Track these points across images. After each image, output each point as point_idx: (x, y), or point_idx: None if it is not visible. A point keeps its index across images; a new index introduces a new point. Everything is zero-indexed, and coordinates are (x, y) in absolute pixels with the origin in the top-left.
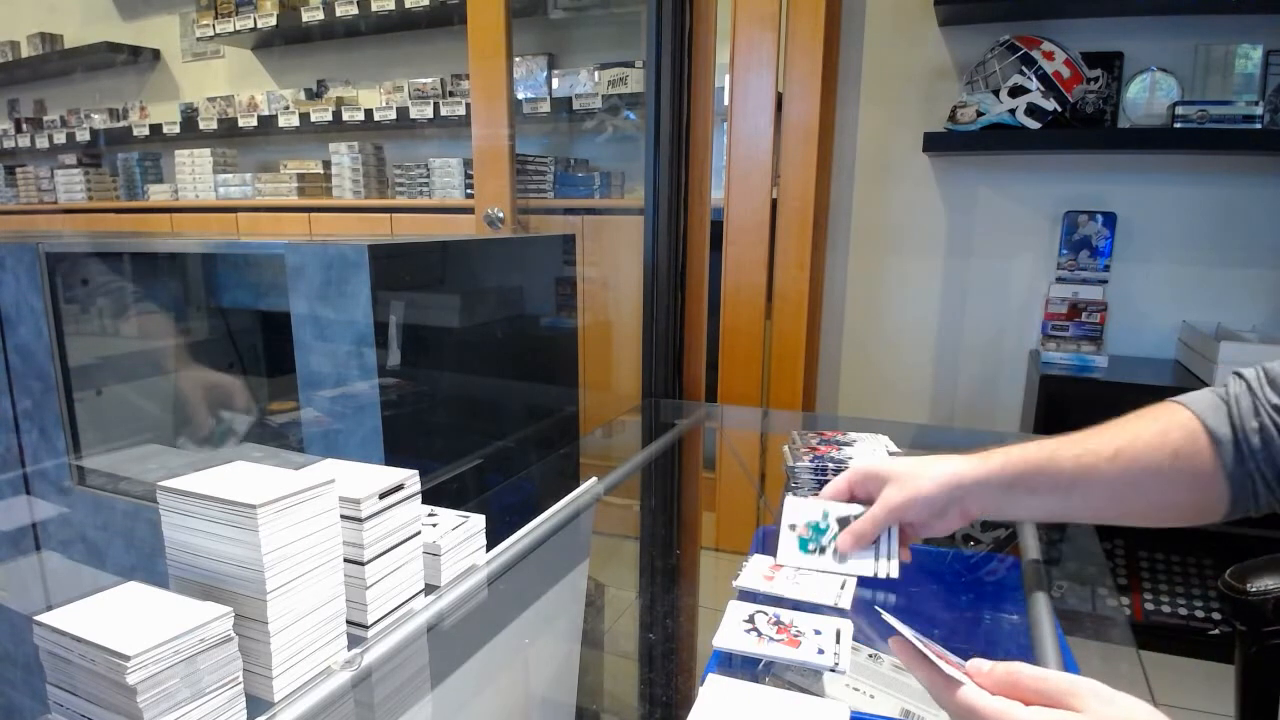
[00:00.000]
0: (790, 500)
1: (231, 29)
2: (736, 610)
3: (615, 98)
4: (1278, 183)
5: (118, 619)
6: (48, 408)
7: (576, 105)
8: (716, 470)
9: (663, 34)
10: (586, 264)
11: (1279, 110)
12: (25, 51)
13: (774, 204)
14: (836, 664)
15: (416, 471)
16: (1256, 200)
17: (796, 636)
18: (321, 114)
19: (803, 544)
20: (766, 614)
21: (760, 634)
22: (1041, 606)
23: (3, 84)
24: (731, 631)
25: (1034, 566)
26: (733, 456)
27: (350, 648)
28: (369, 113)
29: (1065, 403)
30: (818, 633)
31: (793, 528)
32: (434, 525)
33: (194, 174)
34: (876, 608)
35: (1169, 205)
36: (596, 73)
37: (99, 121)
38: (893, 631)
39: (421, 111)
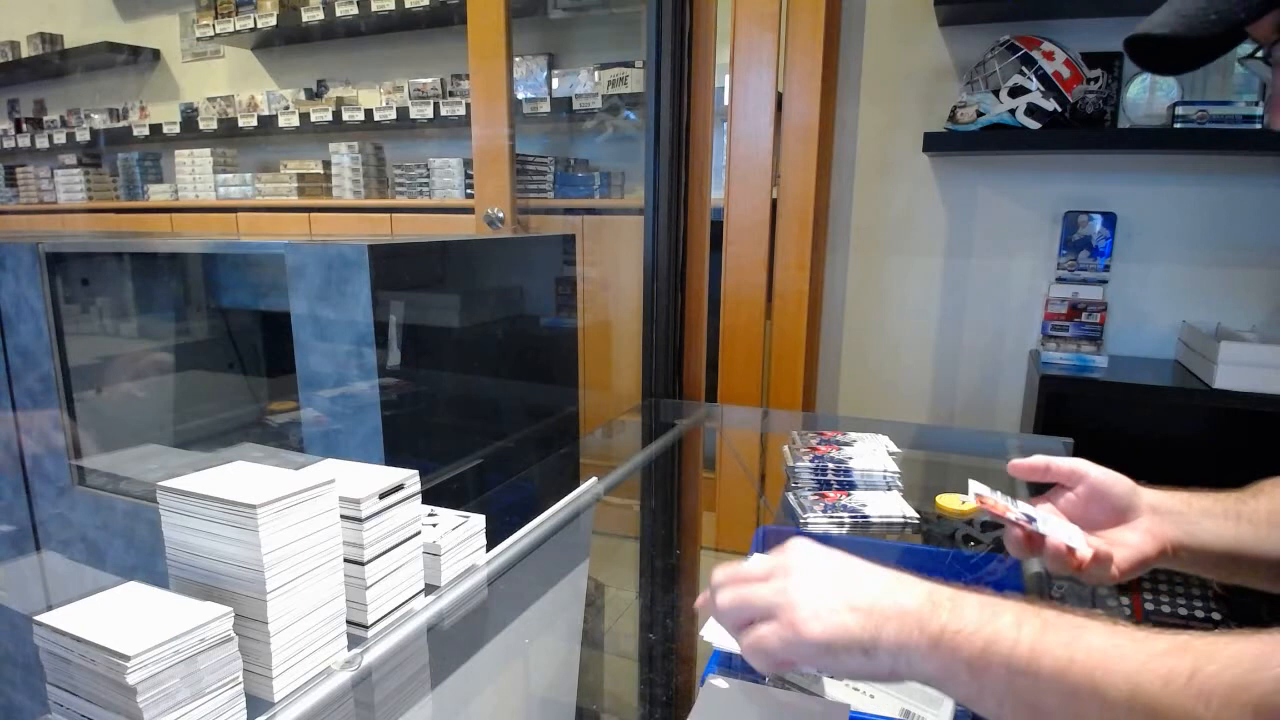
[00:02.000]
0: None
1: (231, 29)
2: None
3: (615, 98)
4: (1278, 183)
5: (118, 619)
6: (48, 407)
7: (576, 105)
8: (716, 470)
9: (663, 34)
10: (586, 264)
11: None
12: (25, 51)
13: (774, 204)
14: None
15: (416, 471)
16: (1256, 200)
17: None
18: (321, 114)
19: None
20: None
21: None
22: None
23: (3, 84)
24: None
25: (1035, 573)
26: (733, 456)
27: (350, 648)
28: (369, 113)
29: (1065, 403)
30: None
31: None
32: (434, 525)
33: (194, 174)
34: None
35: (1169, 205)
36: (596, 73)
37: (99, 121)
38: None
39: (421, 111)
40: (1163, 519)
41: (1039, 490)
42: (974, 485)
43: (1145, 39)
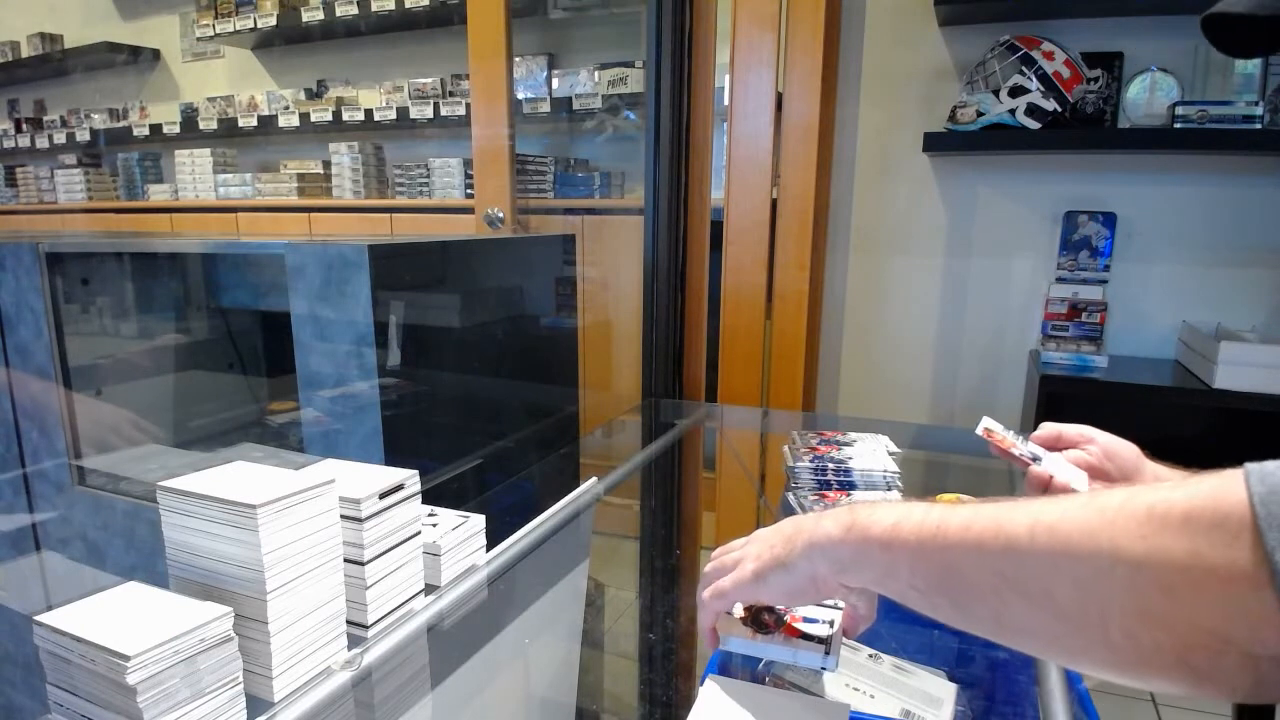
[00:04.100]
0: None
1: (231, 29)
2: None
3: (615, 98)
4: (1278, 183)
5: (118, 619)
6: (48, 408)
7: (576, 105)
8: (716, 470)
9: (663, 34)
10: (586, 264)
11: (1279, 110)
12: (25, 51)
13: (774, 204)
14: (829, 652)
15: (416, 471)
16: (1256, 200)
17: (795, 630)
18: (321, 114)
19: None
20: (765, 610)
21: (758, 631)
22: None
23: (3, 84)
24: (726, 624)
25: None
26: (733, 456)
27: (350, 648)
28: (369, 113)
29: (1065, 403)
30: (814, 624)
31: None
32: (434, 525)
33: (194, 174)
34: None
35: (1169, 205)
36: (596, 73)
37: (99, 121)
38: None
39: (421, 111)
40: None
41: None
42: (986, 420)
43: (1222, 19)
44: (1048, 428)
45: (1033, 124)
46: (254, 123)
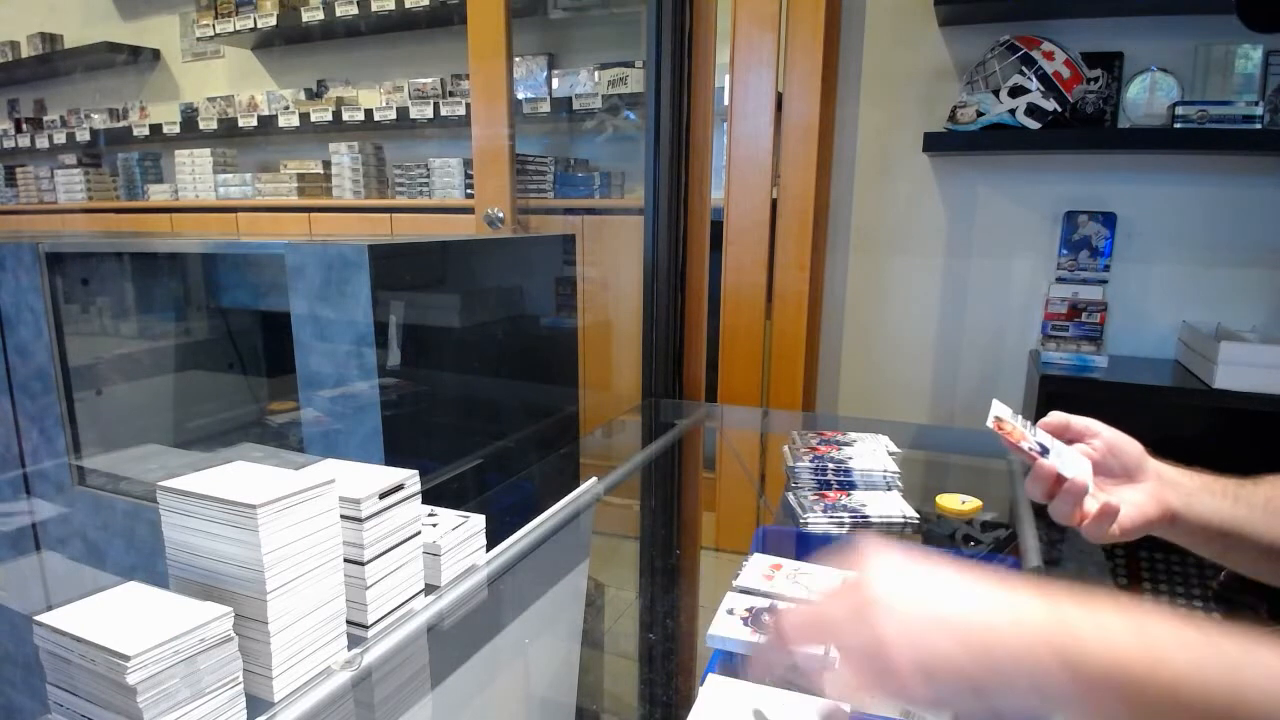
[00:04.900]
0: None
1: (231, 29)
2: (732, 602)
3: (615, 98)
4: (1278, 183)
5: (118, 619)
6: (48, 408)
7: (576, 105)
8: (716, 470)
9: (663, 34)
10: (586, 264)
11: (1279, 110)
12: (25, 51)
13: (774, 204)
14: (829, 652)
15: (416, 471)
16: (1256, 200)
17: None
18: (321, 114)
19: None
20: (765, 610)
21: (756, 628)
22: None
23: (3, 84)
24: (726, 624)
25: (1034, 567)
26: (733, 456)
27: (350, 648)
28: (369, 113)
29: (1065, 403)
30: None
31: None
32: (434, 525)
33: (194, 174)
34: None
35: (1169, 205)
36: (596, 73)
37: (99, 121)
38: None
39: (421, 111)
40: (1166, 486)
41: None
42: (996, 406)
43: None
44: (1056, 416)
45: (1033, 124)
46: (254, 123)
